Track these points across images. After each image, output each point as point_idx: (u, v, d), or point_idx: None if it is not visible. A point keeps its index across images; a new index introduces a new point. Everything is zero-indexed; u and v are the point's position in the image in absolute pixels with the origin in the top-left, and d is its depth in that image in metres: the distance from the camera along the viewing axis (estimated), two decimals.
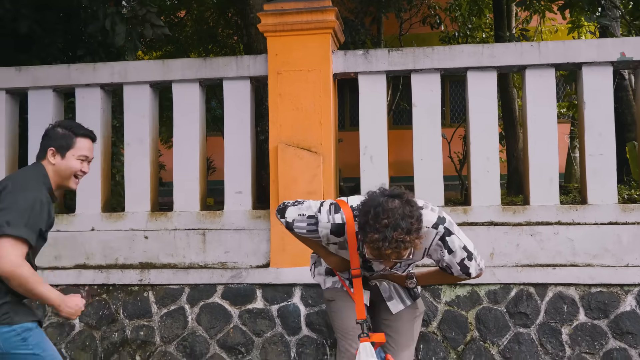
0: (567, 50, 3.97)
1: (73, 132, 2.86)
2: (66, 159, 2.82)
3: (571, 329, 3.78)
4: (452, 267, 2.78)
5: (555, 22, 11.57)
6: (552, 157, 3.95)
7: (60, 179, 2.84)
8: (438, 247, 2.75)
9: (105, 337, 4.16)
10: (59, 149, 2.82)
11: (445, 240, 2.74)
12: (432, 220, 2.71)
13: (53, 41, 5.70)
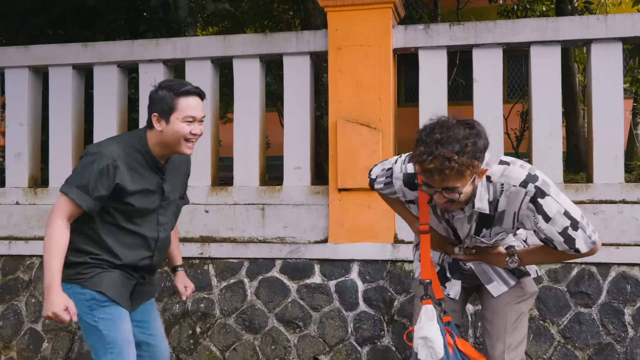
0: (636, 24, 3.89)
1: (174, 92, 2.63)
2: (171, 124, 2.61)
3: (634, 310, 3.75)
4: (554, 240, 2.39)
5: None
6: (618, 133, 3.91)
7: (170, 145, 2.65)
8: (530, 212, 2.39)
9: (167, 308, 4.32)
10: (162, 113, 2.62)
11: (538, 203, 2.36)
12: (519, 178, 2.38)
13: (116, 17, 5.87)
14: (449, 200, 2.30)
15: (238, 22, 12.17)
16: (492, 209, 2.44)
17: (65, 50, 4.67)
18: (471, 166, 2.19)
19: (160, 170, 2.71)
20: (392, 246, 4.01)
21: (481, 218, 2.49)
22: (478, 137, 2.22)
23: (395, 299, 4.00)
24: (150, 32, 5.95)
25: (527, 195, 2.36)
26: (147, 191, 2.68)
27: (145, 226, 2.72)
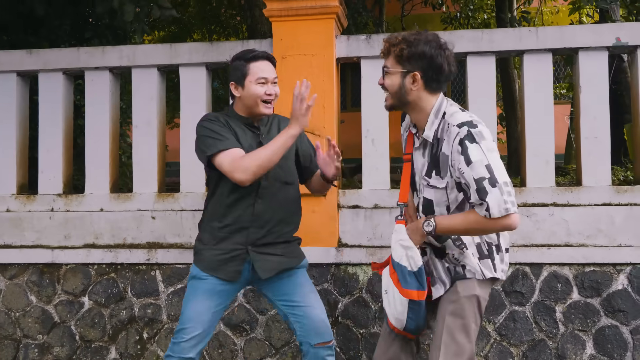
0: (564, 36, 4.15)
1: (244, 59, 3.02)
2: (246, 88, 2.99)
3: (565, 307, 3.99)
4: (470, 186, 2.50)
5: (556, 3, 11.74)
6: (549, 140, 4.14)
7: (250, 108, 3.02)
8: (457, 154, 2.52)
9: (113, 314, 4.39)
10: (237, 80, 3.01)
11: (465, 145, 2.50)
12: (460, 120, 2.58)
13: (62, 23, 5.89)
14: (383, 86, 2.74)
15: (185, 27, 12.22)
16: (435, 147, 2.65)
17: (9, 57, 4.70)
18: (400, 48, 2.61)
19: (255, 127, 3.08)
20: (336, 250, 4.17)
21: (430, 157, 2.68)
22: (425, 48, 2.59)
23: (339, 301, 4.17)
24: (96, 38, 5.99)
25: (457, 136, 2.52)
26: (243, 144, 2.97)
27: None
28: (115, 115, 4.70)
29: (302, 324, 3.11)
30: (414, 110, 2.73)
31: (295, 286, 3.15)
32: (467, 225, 2.57)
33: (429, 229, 2.61)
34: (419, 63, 2.61)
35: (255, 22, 7.53)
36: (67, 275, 4.48)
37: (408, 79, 2.64)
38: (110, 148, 4.60)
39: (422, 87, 2.64)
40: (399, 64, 2.65)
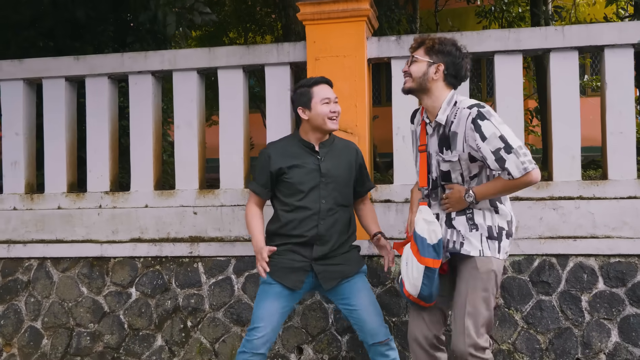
0: (590, 33, 4.30)
1: (306, 86, 3.52)
2: (313, 109, 3.47)
3: (590, 297, 4.16)
4: (487, 158, 2.94)
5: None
6: (575, 135, 4.30)
7: (319, 127, 3.49)
8: (472, 133, 2.97)
9: (159, 304, 4.69)
10: (304, 104, 3.49)
11: (477, 124, 2.95)
12: (468, 102, 3.08)
13: (105, 29, 6.21)
14: (407, 72, 3.18)
15: (221, 26, 12.47)
16: (447, 128, 3.10)
17: (58, 63, 5.02)
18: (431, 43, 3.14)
19: (315, 152, 3.53)
20: (369, 242, 4.39)
21: (440, 137, 3.14)
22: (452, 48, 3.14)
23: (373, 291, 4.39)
24: (137, 43, 6.30)
25: (470, 116, 2.99)
26: (302, 167, 3.49)
27: (308, 199, 3.47)
28: (158, 116, 4.99)
29: (359, 326, 3.56)
30: (429, 97, 3.19)
31: (353, 291, 3.56)
32: (497, 189, 3.04)
33: (470, 199, 3.07)
34: (444, 58, 3.13)
35: (289, 22, 7.78)
36: (115, 267, 4.80)
37: (432, 68, 3.13)
38: (153, 147, 4.89)
39: (442, 79, 3.15)
40: (427, 55, 3.15)
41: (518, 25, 11.53)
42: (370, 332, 3.51)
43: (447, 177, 3.17)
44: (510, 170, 2.91)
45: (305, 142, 3.55)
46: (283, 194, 3.54)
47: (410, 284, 3.14)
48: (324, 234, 3.48)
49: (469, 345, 3.02)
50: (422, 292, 3.12)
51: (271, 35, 12.99)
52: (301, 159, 3.52)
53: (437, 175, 3.22)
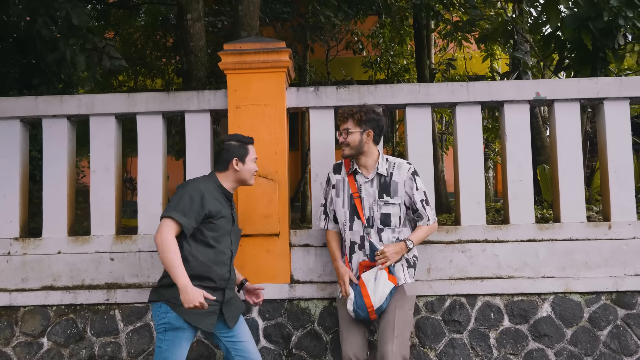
0: (491, 90, 4.77)
1: (244, 142, 3.94)
2: (246, 165, 3.91)
3: (497, 333, 4.55)
4: (417, 204, 4.00)
5: (470, 50, 12.76)
6: (479, 182, 4.73)
7: (243, 180, 3.94)
8: (411, 182, 4.01)
9: (73, 354, 4.64)
10: (240, 158, 3.89)
11: (415, 178, 4.03)
12: (401, 160, 4.11)
13: (10, 70, 6.13)
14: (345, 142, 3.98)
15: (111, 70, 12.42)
16: (388, 178, 4.01)
17: None
18: (359, 115, 3.98)
19: (230, 201, 3.92)
20: (289, 286, 4.59)
21: (381, 185, 4.01)
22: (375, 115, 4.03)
23: (292, 334, 4.58)
24: (44, 85, 6.26)
25: (409, 170, 4.04)
26: (224, 214, 3.80)
27: (224, 244, 3.81)
28: (72, 160, 5.00)
29: (243, 357, 3.90)
30: (364, 156, 4.07)
31: (239, 325, 3.96)
32: (424, 235, 4.09)
33: (411, 246, 3.97)
34: (371, 124, 4.04)
35: (191, 68, 7.96)
36: (25, 317, 4.72)
37: (364, 135, 4.02)
38: (67, 192, 4.89)
39: (371, 141, 4.06)
40: (358, 126, 4.01)
41: (402, 76, 12.33)
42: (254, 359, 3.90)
43: (386, 221, 4.00)
44: (429, 217, 4.07)
45: (226, 191, 3.93)
46: (204, 236, 3.72)
47: (378, 297, 3.82)
48: (232, 278, 3.90)
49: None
50: (382, 305, 3.83)
51: (162, 80, 13.09)
52: (223, 206, 3.85)
53: (371, 217, 4.01)
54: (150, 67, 12.74)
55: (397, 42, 12.60)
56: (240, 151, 3.90)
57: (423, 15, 10.04)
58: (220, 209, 3.78)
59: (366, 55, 12.82)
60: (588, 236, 4.63)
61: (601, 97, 4.73)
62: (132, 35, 12.47)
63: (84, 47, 5.67)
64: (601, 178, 4.88)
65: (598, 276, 4.58)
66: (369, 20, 12.36)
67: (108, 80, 12.05)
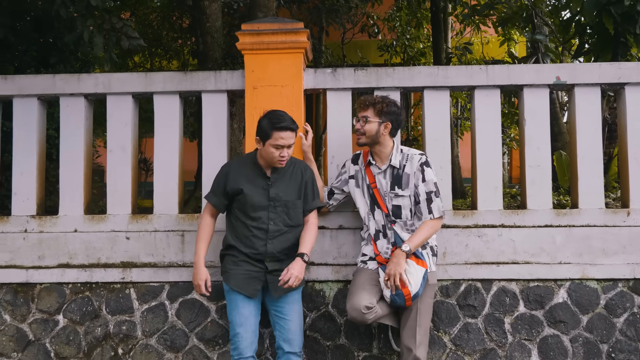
0: (511, 74, 4.71)
1: (271, 126, 3.82)
2: (265, 147, 3.85)
3: (512, 319, 4.52)
4: (421, 196, 3.96)
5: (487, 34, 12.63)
6: (497, 167, 4.68)
7: (267, 161, 3.92)
8: (419, 173, 3.99)
9: (88, 331, 4.67)
10: (261, 138, 3.86)
11: (424, 169, 3.99)
12: (415, 151, 4.09)
13: (28, 49, 6.12)
14: (361, 130, 4.03)
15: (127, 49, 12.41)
16: (401, 170, 4.02)
17: None
18: (380, 106, 4.01)
19: (267, 177, 3.96)
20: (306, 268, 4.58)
21: (393, 177, 4.04)
22: (395, 109, 4.07)
23: (307, 316, 4.57)
24: (61, 63, 6.25)
25: (420, 160, 4.03)
26: (253, 190, 3.91)
27: (257, 220, 3.91)
28: (89, 139, 4.99)
29: (280, 333, 4.01)
30: (379, 147, 4.10)
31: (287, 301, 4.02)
32: (424, 236, 3.94)
33: (406, 249, 3.86)
34: (390, 117, 4.06)
35: (207, 49, 7.97)
36: (42, 294, 4.74)
37: (382, 126, 4.05)
38: (84, 171, 4.89)
39: (388, 133, 4.08)
40: (377, 116, 4.04)
41: (418, 60, 12.24)
42: (289, 340, 3.94)
43: (397, 213, 4.03)
44: (433, 209, 3.96)
45: (258, 166, 3.99)
46: (235, 211, 3.99)
47: (414, 284, 3.83)
48: (274, 253, 3.93)
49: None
50: (418, 292, 3.85)
51: (177, 61, 13.08)
52: (253, 182, 3.96)
53: (389, 209, 4.03)
54: (166, 48, 12.74)
55: (414, 25, 12.50)
56: (262, 132, 3.87)
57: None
58: (245, 184, 3.93)
59: (382, 38, 12.73)
60: (606, 223, 4.58)
61: (622, 82, 4.66)
62: (148, 17, 12.44)
63: (101, 28, 5.64)
64: (620, 164, 4.82)
65: (615, 263, 4.53)
66: (385, 2, 12.27)
67: (124, 61, 12.06)
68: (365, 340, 4.51)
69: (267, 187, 3.95)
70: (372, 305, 3.84)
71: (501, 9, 8.61)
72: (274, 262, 3.94)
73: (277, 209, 3.94)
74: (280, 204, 3.95)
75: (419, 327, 3.91)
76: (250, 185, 3.94)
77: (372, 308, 3.84)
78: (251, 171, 3.99)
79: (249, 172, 3.99)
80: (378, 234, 4.11)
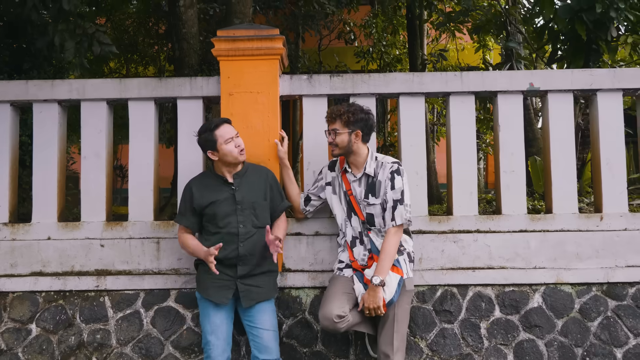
0: (485, 80, 4.73)
1: (209, 131, 3.96)
2: (221, 150, 3.95)
3: (488, 324, 4.53)
4: (388, 203, 3.93)
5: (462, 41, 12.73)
6: (472, 173, 4.69)
7: (230, 162, 4.00)
8: (388, 180, 3.96)
9: (62, 340, 4.59)
10: (212, 148, 3.97)
11: (394, 176, 3.97)
12: (390, 159, 4.07)
13: (0, 54, 6.03)
14: (333, 143, 4.04)
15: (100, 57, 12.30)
16: (375, 178, 4.01)
17: None
18: (346, 117, 3.99)
19: (229, 183, 4.02)
20: (280, 274, 4.55)
21: (367, 185, 4.03)
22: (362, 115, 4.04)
23: (284, 323, 4.54)
24: (34, 69, 6.16)
25: (391, 168, 3.99)
26: (219, 199, 3.96)
27: (228, 226, 3.93)
28: (63, 145, 4.92)
29: (255, 342, 4.02)
30: (354, 156, 4.11)
31: (260, 310, 4.02)
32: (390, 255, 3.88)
33: (377, 282, 3.78)
34: (359, 125, 4.03)
35: (183, 55, 7.91)
36: (14, 303, 4.66)
37: (353, 135, 4.03)
38: (57, 178, 4.81)
39: (360, 140, 4.06)
40: (346, 127, 4.03)
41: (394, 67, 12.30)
42: (264, 349, 3.96)
43: (371, 220, 4.04)
44: (395, 217, 3.92)
45: (219, 176, 4.08)
46: (206, 224, 4.06)
47: (389, 291, 3.82)
48: (246, 255, 3.95)
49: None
50: (393, 298, 3.84)
51: (154, 67, 13.00)
52: (218, 192, 4.02)
53: (364, 216, 4.05)
54: (142, 54, 12.64)
55: (390, 32, 12.55)
56: (208, 143, 3.97)
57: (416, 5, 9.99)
58: (211, 196, 4.00)
59: (358, 45, 12.77)
60: (580, 227, 4.61)
61: (595, 89, 4.71)
62: (124, 22, 12.34)
63: (73, 33, 5.58)
64: (593, 170, 4.86)
65: (589, 267, 4.57)
66: (361, 9, 12.32)
67: (99, 67, 11.95)
68: (342, 347, 4.50)
69: (233, 192, 4.01)
70: (344, 314, 3.83)
71: (476, 17, 8.69)
72: (244, 266, 3.96)
73: (244, 212, 3.99)
74: (248, 205, 4.01)
75: (396, 333, 3.91)
76: (216, 195, 4.01)
77: (344, 317, 3.83)
78: (213, 182, 4.07)
79: (211, 184, 4.07)
80: (355, 241, 4.10)
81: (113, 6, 10.87)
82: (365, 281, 3.94)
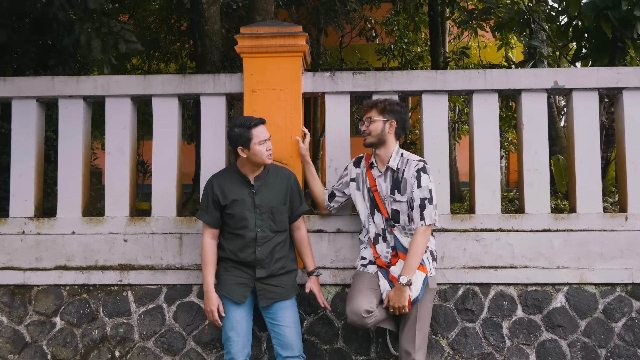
0: (509, 78, 4.68)
1: (246, 127, 3.90)
2: (252, 149, 3.90)
3: (510, 323, 4.49)
4: (415, 201, 3.87)
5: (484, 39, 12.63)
6: (495, 171, 4.66)
7: (257, 162, 3.96)
8: (414, 178, 3.90)
9: (85, 334, 4.63)
10: (243, 145, 3.90)
11: (420, 174, 3.90)
12: (415, 156, 4.02)
13: (27, 51, 6.08)
14: (367, 131, 4.01)
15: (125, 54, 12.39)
16: (400, 174, 3.97)
17: None
18: (382, 105, 4.01)
19: (250, 185, 4.00)
20: (301, 272, 4.54)
21: (393, 181, 3.99)
22: (399, 107, 4.05)
23: (305, 319, 4.54)
24: (60, 66, 6.20)
25: (417, 166, 3.94)
26: (239, 200, 3.95)
27: (245, 229, 3.94)
28: (88, 141, 4.96)
29: (277, 339, 4.03)
30: (384, 148, 4.06)
31: (281, 308, 4.07)
32: (418, 255, 3.82)
33: (404, 282, 3.75)
34: (395, 115, 4.03)
35: (205, 52, 7.93)
36: (39, 296, 4.71)
37: (387, 125, 4.02)
38: (82, 173, 4.85)
39: (393, 132, 4.04)
40: (381, 115, 4.02)
41: (416, 64, 12.24)
42: (286, 345, 3.97)
43: (396, 217, 3.99)
44: (424, 216, 3.84)
45: (242, 175, 4.04)
46: (226, 224, 4.03)
47: (414, 289, 3.81)
48: (263, 259, 3.97)
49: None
50: (418, 296, 3.83)
51: (175, 64, 13.05)
52: (238, 193, 4.01)
53: (389, 213, 4.01)
54: (165, 51, 12.71)
55: (412, 29, 12.51)
56: (242, 138, 3.92)
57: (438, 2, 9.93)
58: (231, 194, 3.99)
59: (379, 42, 12.73)
60: (604, 227, 4.56)
61: (620, 87, 4.64)
62: (147, 19, 12.41)
63: (99, 31, 5.60)
64: (618, 169, 4.80)
65: (613, 267, 4.51)
66: (383, 6, 12.28)
67: (122, 63, 12.02)
68: (363, 344, 4.49)
69: (252, 195, 4.00)
70: (372, 309, 3.81)
71: (498, 14, 8.61)
72: (262, 269, 3.98)
73: (262, 216, 3.98)
74: (266, 210, 3.99)
75: (418, 332, 3.89)
76: (236, 194, 4.00)
77: (372, 312, 3.81)
78: (235, 181, 4.04)
79: (233, 182, 4.04)
80: (378, 238, 4.08)
81: (136, 3, 10.93)
82: (391, 278, 3.92)
